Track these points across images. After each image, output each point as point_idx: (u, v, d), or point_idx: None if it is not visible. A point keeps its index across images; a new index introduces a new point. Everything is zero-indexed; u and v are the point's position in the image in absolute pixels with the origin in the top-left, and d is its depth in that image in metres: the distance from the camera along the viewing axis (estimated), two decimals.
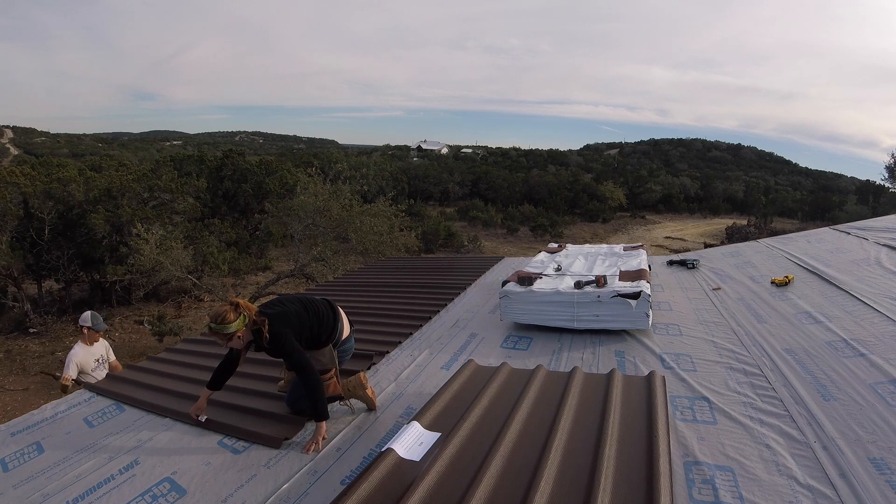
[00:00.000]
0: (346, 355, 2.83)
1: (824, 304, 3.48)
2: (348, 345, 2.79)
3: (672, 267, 5.50)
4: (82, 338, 4.06)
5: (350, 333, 2.78)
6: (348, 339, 2.76)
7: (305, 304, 2.54)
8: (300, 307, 2.50)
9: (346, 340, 2.74)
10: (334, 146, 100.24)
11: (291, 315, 2.42)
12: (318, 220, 10.78)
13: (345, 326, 2.70)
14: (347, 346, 2.79)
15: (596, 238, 25.95)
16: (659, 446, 1.73)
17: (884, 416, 2.07)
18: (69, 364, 3.89)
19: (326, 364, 2.53)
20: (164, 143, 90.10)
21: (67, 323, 11.60)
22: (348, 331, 2.74)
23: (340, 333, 2.65)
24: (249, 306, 2.33)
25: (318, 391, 2.30)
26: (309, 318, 2.49)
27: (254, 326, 2.31)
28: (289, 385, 2.74)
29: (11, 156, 55.09)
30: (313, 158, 23.82)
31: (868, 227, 5.55)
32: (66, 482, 2.20)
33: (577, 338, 3.44)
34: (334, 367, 2.57)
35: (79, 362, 3.92)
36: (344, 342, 2.71)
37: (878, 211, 24.87)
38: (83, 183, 12.00)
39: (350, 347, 2.83)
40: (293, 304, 2.52)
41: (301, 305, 2.52)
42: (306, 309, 2.51)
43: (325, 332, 2.55)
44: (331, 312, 2.61)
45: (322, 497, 1.92)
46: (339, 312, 2.69)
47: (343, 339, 2.69)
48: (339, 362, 2.69)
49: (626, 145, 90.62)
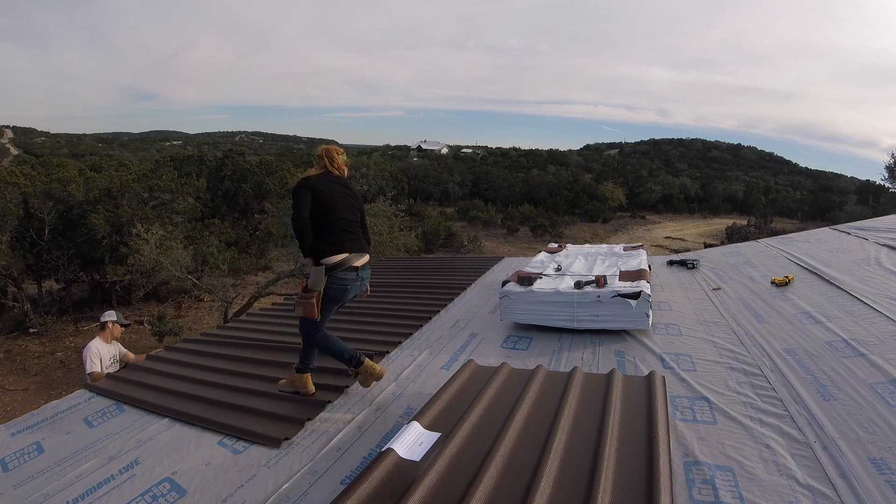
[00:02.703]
0: (347, 287, 2.63)
1: (824, 304, 3.48)
2: (351, 276, 2.63)
3: (672, 267, 5.50)
4: (101, 334, 4.08)
5: (360, 267, 2.65)
6: (354, 270, 2.62)
7: (345, 205, 2.64)
8: (341, 197, 2.63)
9: (351, 270, 2.62)
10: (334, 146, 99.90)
11: (326, 192, 2.57)
12: None
13: (357, 257, 2.64)
14: (349, 278, 2.62)
15: (596, 238, 25.95)
16: (659, 446, 1.73)
17: (884, 416, 2.07)
18: (91, 358, 3.89)
19: (314, 284, 2.52)
20: (164, 143, 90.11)
21: (67, 323, 11.61)
22: (358, 263, 2.64)
23: (349, 257, 2.59)
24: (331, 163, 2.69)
25: (299, 236, 2.52)
26: (338, 207, 2.59)
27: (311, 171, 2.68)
28: (289, 384, 2.76)
29: (11, 156, 55.10)
30: (313, 158, 23.81)
31: (868, 227, 5.55)
32: (66, 482, 2.20)
33: (577, 338, 3.44)
34: (317, 291, 2.52)
35: (100, 357, 3.94)
36: (346, 270, 2.60)
37: (878, 211, 24.88)
38: (83, 183, 12.01)
39: (354, 280, 2.65)
40: (338, 193, 2.64)
41: (343, 198, 2.65)
42: (338, 205, 2.61)
43: (334, 230, 2.58)
44: (347, 229, 2.63)
45: (322, 497, 1.92)
46: (356, 241, 2.67)
47: (348, 266, 2.60)
48: (337, 293, 2.60)
49: (626, 145, 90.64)
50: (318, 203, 2.55)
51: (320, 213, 2.56)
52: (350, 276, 2.63)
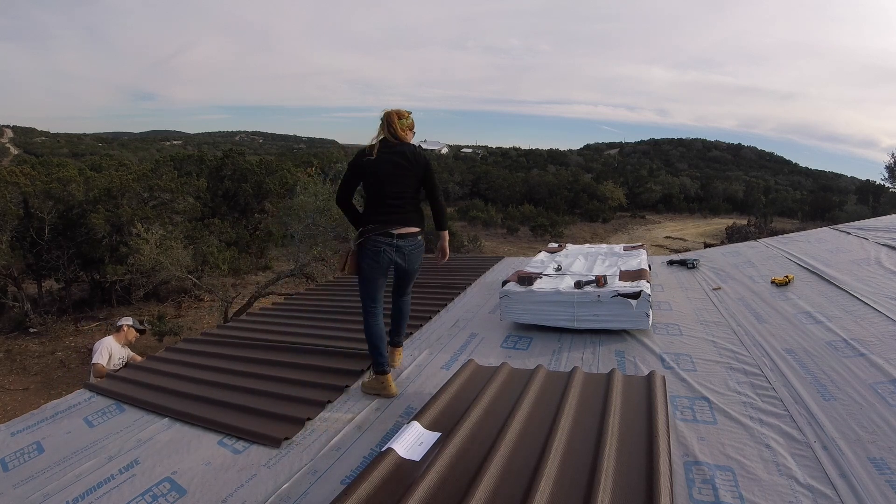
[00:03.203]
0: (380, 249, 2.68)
1: (824, 304, 3.48)
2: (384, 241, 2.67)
3: (672, 267, 5.50)
4: (116, 335, 4.10)
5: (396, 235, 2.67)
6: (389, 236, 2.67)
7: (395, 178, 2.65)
8: (390, 170, 2.63)
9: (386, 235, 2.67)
10: (334, 146, 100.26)
11: (373, 169, 2.62)
12: (318, 219, 10.78)
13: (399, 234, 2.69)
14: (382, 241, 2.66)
15: (596, 238, 25.95)
16: (659, 446, 1.73)
17: (884, 416, 2.07)
18: (102, 351, 3.91)
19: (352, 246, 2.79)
20: (164, 143, 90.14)
21: (67, 323, 11.61)
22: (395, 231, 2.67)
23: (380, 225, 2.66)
24: (389, 128, 2.66)
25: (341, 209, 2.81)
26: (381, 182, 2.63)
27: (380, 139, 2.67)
28: (369, 387, 2.82)
29: (11, 156, 55.11)
30: (313, 158, 23.81)
31: (868, 227, 5.54)
32: (66, 482, 2.20)
33: (577, 338, 3.44)
34: (350, 251, 2.77)
35: (110, 353, 3.95)
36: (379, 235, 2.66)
37: (878, 211, 24.88)
38: (83, 183, 12.01)
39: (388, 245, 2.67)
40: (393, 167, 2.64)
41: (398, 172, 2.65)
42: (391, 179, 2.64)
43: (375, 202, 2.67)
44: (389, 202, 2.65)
45: (322, 497, 1.92)
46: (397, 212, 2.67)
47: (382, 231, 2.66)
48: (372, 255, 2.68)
49: (626, 145, 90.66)
50: (364, 180, 2.69)
51: (367, 188, 2.70)
52: (383, 241, 2.67)
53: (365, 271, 2.75)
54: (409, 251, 2.76)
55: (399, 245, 2.72)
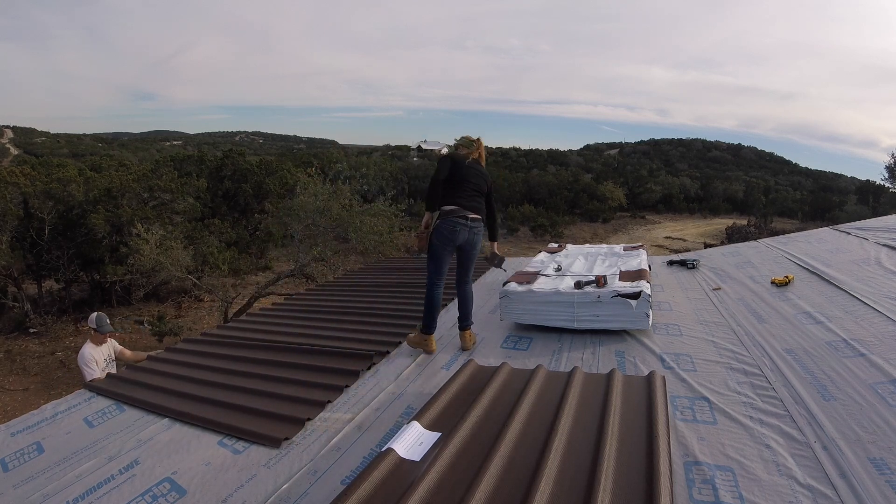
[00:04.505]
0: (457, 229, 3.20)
1: (824, 304, 3.48)
2: (461, 222, 3.19)
3: (672, 267, 5.50)
4: (90, 338, 4.07)
5: (470, 218, 3.22)
6: (464, 218, 3.20)
7: (477, 179, 3.32)
8: (476, 177, 3.31)
9: (462, 218, 3.20)
10: (334, 146, 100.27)
11: (467, 166, 3.27)
12: (318, 220, 10.78)
13: (473, 219, 3.25)
14: (459, 222, 3.19)
15: (596, 238, 25.95)
16: (659, 446, 1.73)
17: (884, 416, 2.06)
18: (88, 364, 3.88)
19: (426, 225, 3.27)
20: (164, 143, 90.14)
21: (67, 323, 11.61)
22: (470, 215, 3.22)
23: (461, 209, 3.20)
24: (479, 154, 3.44)
25: (428, 191, 3.24)
26: (468, 177, 3.25)
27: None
28: (414, 342, 3.38)
29: (11, 156, 55.12)
30: (313, 158, 23.81)
31: (868, 227, 5.54)
32: (66, 482, 2.20)
33: (577, 338, 3.44)
34: (429, 229, 3.24)
35: (96, 360, 3.93)
36: (457, 217, 3.19)
37: (878, 211, 24.87)
38: (83, 183, 12.01)
39: (463, 225, 3.20)
40: (476, 173, 3.33)
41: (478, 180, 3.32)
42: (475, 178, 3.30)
43: (460, 191, 3.22)
44: (470, 195, 3.24)
45: (322, 497, 1.92)
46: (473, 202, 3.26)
47: (459, 214, 3.19)
48: (448, 232, 3.19)
49: (626, 145, 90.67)
50: (454, 171, 3.21)
51: (453, 178, 3.21)
52: (459, 222, 3.20)
53: (442, 251, 3.25)
54: (475, 228, 3.31)
55: (471, 227, 3.28)
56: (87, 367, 3.86)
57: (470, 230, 3.25)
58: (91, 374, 3.80)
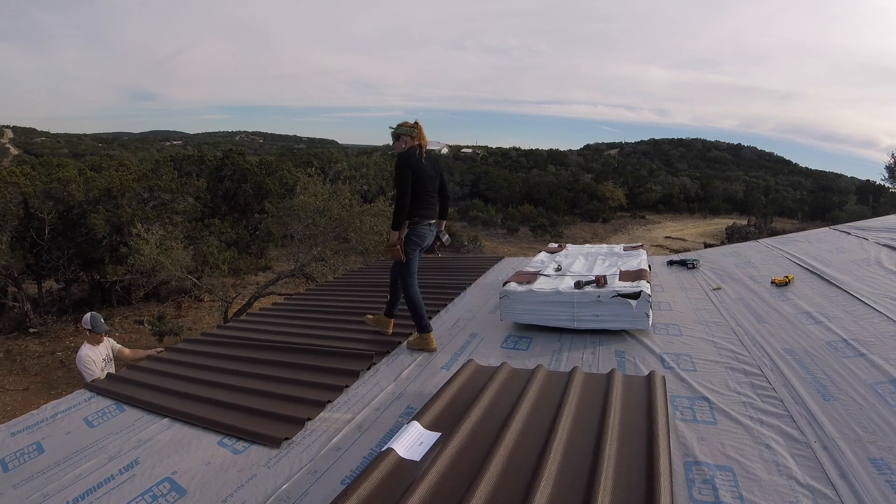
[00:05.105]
0: (425, 234, 3.43)
1: (824, 304, 3.48)
2: (427, 229, 3.41)
3: (672, 267, 5.50)
4: (87, 339, 4.06)
5: (431, 223, 3.44)
6: (430, 226, 3.44)
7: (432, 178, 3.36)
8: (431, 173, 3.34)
9: (427, 227, 3.41)
10: (334, 146, 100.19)
11: (423, 168, 3.25)
12: (318, 220, 10.78)
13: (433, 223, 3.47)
14: (427, 230, 3.41)
15: (596, 238, 25.96)
16: (659, 446, 1.73)
17: (884, 416, 2.06)
18: (87, 365, 3.87)
19: (397, 239, 3.30)
20: (164, 143, 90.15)
21: (67, 323, 11.61)
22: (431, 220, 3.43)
23: (425, 217, 3.36)
24: (421, 139, 3.30)
25: (397, 210, 3.22)
26: (425, 182, 3.28)
27: (410, 146, 3.28)
28: (374, 322, 3.67)
29: (11, 156, 55.11)
30: (313, 158, 23.81)
31: (868, 227, 5.54)
32: (66, 482, 2.20)
33: (577, 338, 3.44)
34: (400, 242, 3.31)
35: (95, 361, 3.92)
36: (424, 226, 3.38)
37: (878, 211, 24.87)
38: (83, 183, 12.01)
39: (429, 230, 3.43)
40: (430, 169, 3.34)
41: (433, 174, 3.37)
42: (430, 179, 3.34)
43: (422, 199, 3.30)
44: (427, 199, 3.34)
45: (322, 497, 1.92)
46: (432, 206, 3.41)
47: (425, 223, 3.39)
48: (419, 238, 3.38)
49: (626, 145, 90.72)
50: (416, 182, 3.24)
51: (416, 189, 3.25)
52: (427, 229, 3.43)
53: (413, 254, 3.42)
54: (436, 230, 3.56)
55: (433, 229, 3.51)
56: (87, 369, 3.86)
57: (432, 233, 3.52)
58: (91, 375, 3.79)
